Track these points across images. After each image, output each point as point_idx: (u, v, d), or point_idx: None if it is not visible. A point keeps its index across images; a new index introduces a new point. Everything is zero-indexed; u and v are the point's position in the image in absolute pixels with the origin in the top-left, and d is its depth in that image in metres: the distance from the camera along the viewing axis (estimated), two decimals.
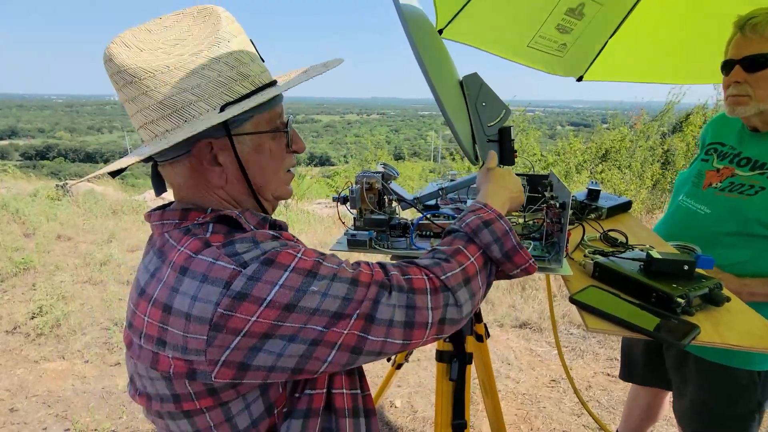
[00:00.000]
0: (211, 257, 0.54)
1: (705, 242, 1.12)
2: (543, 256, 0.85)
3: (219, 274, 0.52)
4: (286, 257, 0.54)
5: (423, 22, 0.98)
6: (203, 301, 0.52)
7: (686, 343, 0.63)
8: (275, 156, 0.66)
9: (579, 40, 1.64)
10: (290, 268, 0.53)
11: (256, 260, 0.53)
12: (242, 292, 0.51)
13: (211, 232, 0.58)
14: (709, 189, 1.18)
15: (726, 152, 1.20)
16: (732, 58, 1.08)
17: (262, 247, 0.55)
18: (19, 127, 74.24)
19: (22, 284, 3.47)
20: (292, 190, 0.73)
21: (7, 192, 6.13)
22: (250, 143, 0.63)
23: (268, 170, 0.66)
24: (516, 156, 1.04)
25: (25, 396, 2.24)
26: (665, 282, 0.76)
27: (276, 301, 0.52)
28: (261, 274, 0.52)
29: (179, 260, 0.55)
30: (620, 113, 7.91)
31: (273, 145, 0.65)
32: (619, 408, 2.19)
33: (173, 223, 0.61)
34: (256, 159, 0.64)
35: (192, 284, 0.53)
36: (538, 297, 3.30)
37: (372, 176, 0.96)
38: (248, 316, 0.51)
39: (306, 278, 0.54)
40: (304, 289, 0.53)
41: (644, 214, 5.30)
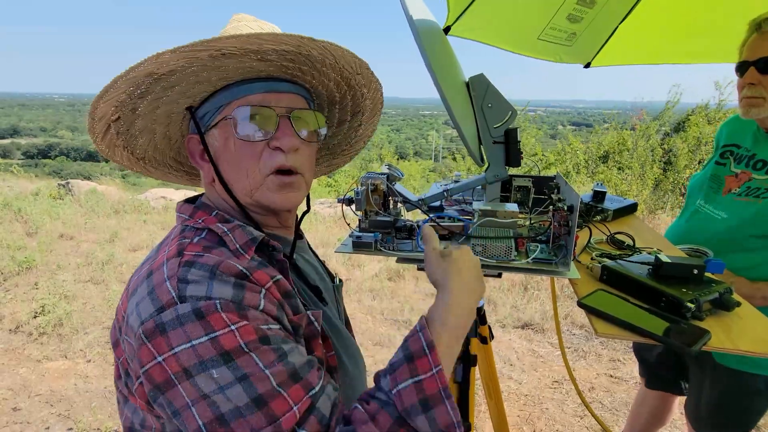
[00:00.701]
0: (168, 274, 0.52)
1: (720, 246, 1.11)
2: (550, 259, 0.85)
3: (160, 295, 0.51)
4: (217, 321, 0.49)
5: (430, 24, 0.98)
6: (137, 314, 0.51)
7: (697, 348, 0.62)
8: (240, 149, 0.60)
9: (588, 28, 1.64)
10: (210, 336, 0.48)
11: (193, 302, 0.49)
12: (164, 326, 0.49)
13: (197, 240, 0.57)
14: (728, 195, 1.17)
15: (742, 155, 1.19)
16: (747, 60, 1.08)
17: (211, 288, 0.51)
18: (21, 125, 74.37)
19: (25, 283, 3.48)
20: (284, 200, 0.63)
21: (9, 191, 6.14)
22: (218, 136, 0.62)
23: (236, 165, 0.61)
24: (522, 158, 1.03)
25: (28, 395, 2.25)
26: (675, 286, 0.75)
27: (180, 358, 0.48)
28: (185, 321, 0.49)
29: (155, 264, 0.55)
30: (621, 113, 7.90)
31: (234, 136, 0.61)
32: (623, 410, 2.18)
33: (183, 217, 0.63)
34: (226, 154, 0.62)
35: (143, 291, 0.53)
36: (540, 297, 3.29)
37: (377, 178, 0.95)
38: (155, 354, 0.49)
39: (216, 357, 0.47)
40: (206, 367, 0.47)
41: (647, 214, 5.28)
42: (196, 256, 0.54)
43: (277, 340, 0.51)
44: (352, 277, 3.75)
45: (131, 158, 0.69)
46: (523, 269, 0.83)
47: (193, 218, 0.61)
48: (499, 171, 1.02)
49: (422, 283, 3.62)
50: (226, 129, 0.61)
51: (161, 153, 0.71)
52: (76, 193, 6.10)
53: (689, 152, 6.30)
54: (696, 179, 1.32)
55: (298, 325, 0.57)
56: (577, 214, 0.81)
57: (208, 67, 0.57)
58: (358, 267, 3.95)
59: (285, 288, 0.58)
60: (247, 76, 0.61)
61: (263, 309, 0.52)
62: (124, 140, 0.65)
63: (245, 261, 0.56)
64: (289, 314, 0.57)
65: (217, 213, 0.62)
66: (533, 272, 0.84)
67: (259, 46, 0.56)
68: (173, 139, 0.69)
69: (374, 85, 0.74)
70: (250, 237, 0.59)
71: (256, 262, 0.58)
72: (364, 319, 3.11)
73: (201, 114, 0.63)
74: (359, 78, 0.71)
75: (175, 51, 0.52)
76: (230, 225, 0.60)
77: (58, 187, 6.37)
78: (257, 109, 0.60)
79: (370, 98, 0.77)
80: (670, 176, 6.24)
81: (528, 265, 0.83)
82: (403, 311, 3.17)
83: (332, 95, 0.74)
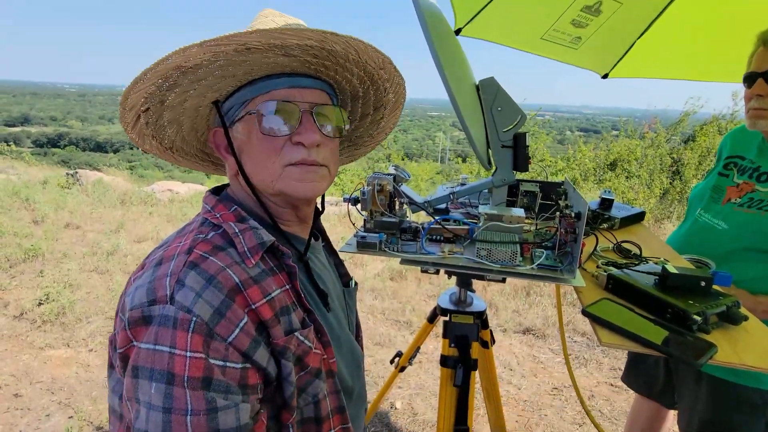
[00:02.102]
0: (172, 269, 0.54)
1: (721, 257, 1.10)
2: (556, 266, 0.84)
3: (157, 288, 0.53)
4: (181, 339, 0.49)
5: (442, 25, 0.97)
6: (132, 297, 0.54)
7: (703, 362, 0.61)
8: (262, 143, 0.62)
9: (597, 35, 1.66)
10: (170, 351, 0.49)
11: (177, 308, 0.51)
12: (148, 319, 0.51)
13: (211, 236, 0.59)
14: (728, 204, 1.16)
15: (746, 166, 1.18)
16: (755, 71, 1.06)
17: (197, 299, 0.51)
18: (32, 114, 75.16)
19: (30, 271, 3.51)
20: (305, 188, 0.64)
21: (18, 179, 6.20)
22: (242, 130, 0.64)
23: (257, 159, 0.63)
24: (530, 163, 1.03)
25: (30, 382, 2.27)
26: (681, 298, 0.74)
27: (141, 354, 0.50)
28: (163, 323, 0.50)
29: (167, 253, 0.57)
30: (632, 120, 7.83)
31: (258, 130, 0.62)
32: (622, 419, 2.16)
33: (206, 208, 0.65)
34: (248, 148, 0.63)
35: (147, 277, 0.55)
36: (542, 303, 3.27)
37: (384, 178, 0.95)
38: (131, 338, 0.52)
39: (162, 372, 0.49)
40: (152, 377, 0.49)
41: (653, 223, 5.24)
42: (202, 257, 0.55)
43: (220, 387, 0.50)
44: (355, 276, 3.75)
45: (160, 147, 0.71)
46: (528, 275, 0.83)
47: (213, 211, 0.63)
48: (507, 175, 1.01)
49: (424, 284, 3.62)
50: (249, 123, 0.62)
51: (188, 144, 0.73)
52: (84, 183, 6.15)
53: (698, 162, 6.24)
54: (697, 189, 1.31)
55: (285, 348, 0.57)
56: (585, 222, 0.80)
57: (233, 62, 0.58)
58: (361, 266, 3.95)
59: (282, 303, 0.58)
60: (272, 71, 0.62)
61: (231, 341, 0.52)
62: (153, 130, 0.67)
63: (249, 267, 0.57)
64: (277, 337, 0.56)
65: (235, 209, 0.63)
66: (538, 279, 0.83)
67: (283, 41, 0.57)
68: (200, 131, 0.71)
69: (397, 80, 0.74)
70: (260, 241, 0.60)
71: (260, 269, 0.59)
72: (365, 318, 3.11)
73: (226, 108, 0.65)
74: (382, 73, 0.71)
75: (201, 45, 0.54)
76: (243, 226, 0.61)
77: (66, 177, 6.43)
78: (281, 104, 0.61)
79: (393, 92, 0.77)
80: (677, 186, 6.19)
81: (533, 272, 0.83)
82: (404, 312, 3.16)
83: (355, 90, 0.74)
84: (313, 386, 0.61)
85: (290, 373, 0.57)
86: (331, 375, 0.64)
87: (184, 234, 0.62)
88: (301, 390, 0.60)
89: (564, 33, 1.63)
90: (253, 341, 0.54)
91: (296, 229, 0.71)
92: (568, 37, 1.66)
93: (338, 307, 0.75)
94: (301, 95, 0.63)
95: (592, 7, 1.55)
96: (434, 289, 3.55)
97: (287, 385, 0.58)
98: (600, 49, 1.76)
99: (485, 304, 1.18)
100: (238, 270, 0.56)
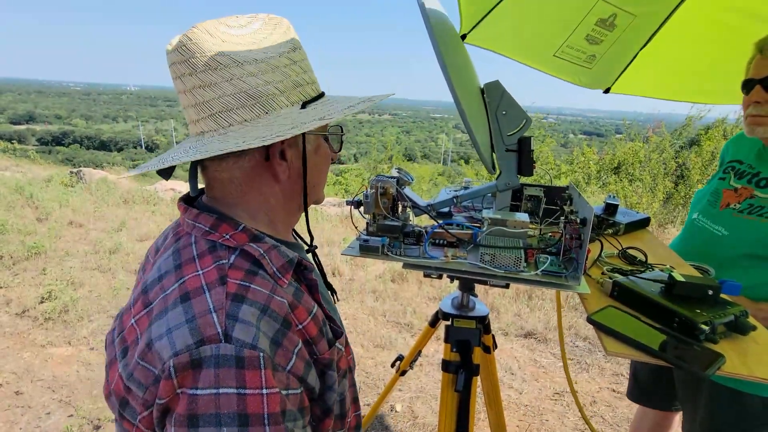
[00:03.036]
0: (215, 305, 0.50)
1: (720, 263, 1.09)
2: (560, 272, 0.83)
3: (203, 327, 0.48)
4: (254, 378, 0.47)
5: (447, 28, 0.96)
6: (170, 342, 0.48)
7: (710, 373, 0.60)
8: (326, 158, 0.69)
9: (609, 52, 1.59)
10: (240, 391, 0.46)
11: (238, 346, 0.47)
12: (199, 363, 0.46)
13: (233, 261, 0.55)
14: (726, 210, 1.15)
15: (744, 171, 1.17)
16: (753, 78, 1.06)
17: (258, 334, 0.49)
18: (37, 112, 75.61)
19: (33, 268, 3.52)
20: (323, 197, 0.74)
21: (22, 176, 6.23)
22: (313, 142, 0.67)
23: (322, 171, 0.69)
24: (534, 167, 1.02)
25: (31, 380, 2.27)
26: (688, 306, 0.73)
27: (199, 402, 0.45)
28: (223, 365, 0.46)
29: (190, 285, 0.53)
30: (636, 124, 7.80)
31: (325, 147, 0.69)
32: (624, 425, 2.14)
33: (204, 229, 0.58)
34: (315, 159, 0.67)
35: (178, 317, 0.50)
36: (544, 307, 3.26)
37: (387, 181, 0.95)
38: (177, 387, 0.46)
39: (233, 415, 0.45)
40: (219, 423, 0.45)
41: (656, 228, 5.21)
42: (242, 286, 0.52)
43: (291, 416, 0.50)
44: (356, 278, 3.74)
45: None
46: (532, 281, 0.82)
47: (217, 232, 0.58)
48: (511, 179, 1.00)
49: (426, 286, 3.60)
50: (319, 138, 0.67)
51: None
52: (87, 182, 6.18)
53: (703, 166, 6.20)
54: (699, 193, 1.30)
55: (331, 360, 0.59)
56: (590, 228, 0.79)
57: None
58: (362, 267, 3.94)
59: (320, 319, 0.59)
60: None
61: (290, 369, 0.51)
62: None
63: (284, 288, 0.57)
64: (323, 351, 0.58)
65: (244, 227, 0.59)
66: (542, 285, 0.82)
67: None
68: None
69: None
70: (287, 259, 0.58)
71: (293, 287, 0.58)
72: (366, 320, 3.10)
73: None
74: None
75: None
76: (265, 246, 0.58)
77: (69, 175, 6.46)
78: (341, 129, 0.71)
79: None
80: (681, 190, 6.15)
81: (537, 277, 0.82)
82: (405, 314, 3.15)
83: None
84: (341, 386, 0.63)
85: (335, 383, 0.59)
86: (350, 371, 0.67)
87: (191, 260, 0.56)
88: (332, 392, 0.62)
89: (578, 50, 1.55)
90: (306, 365, 0.54)
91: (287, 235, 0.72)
92: (582, 55, 1.56)
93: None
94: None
95: (607, 21, 1.47)
96: (436, 292, 3.54)
97: (331, 393, 0.59)
98: (610, 66, 1.69)
99: (487, 308, 1.17)
100: (281, 293, 0.55)
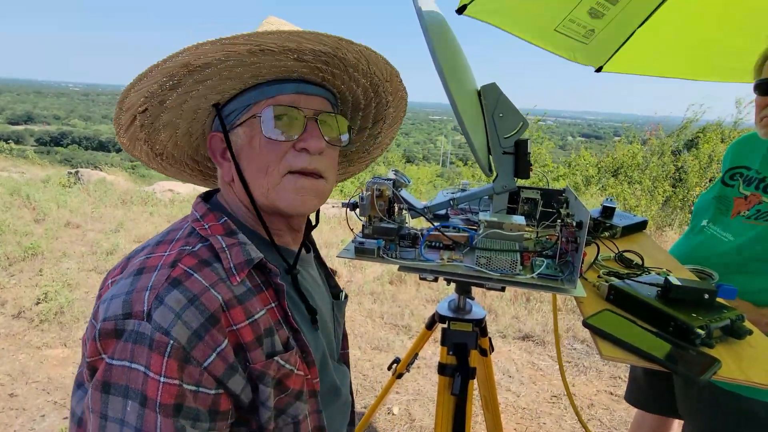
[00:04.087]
0: (152, 283, 0.51)
1: (726, 269, 1.09)
2: (556, 275, 0.83)
3: (135, 302, 0.50)
4: (156, 363, 0.48)
5: (444, 30, 0.96)
6: (107, 307, 0.51)
7: (706, 378, 0.60)
8: (268, 147, 0.60)
9: (607, 28, 1.57)
10: (145, 372, 0.48)
11: (154, 329, 0.48)
12: (119, 332, 0.49)
13: (197, 249, 0.56)
14: (737, 217, 1.15)
15: (752, 177, 1.17)
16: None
17: (175, 322, 0.49)
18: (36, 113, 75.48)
19: (30, 269, 3.50)
20: (300, 203, 0.62)
21: (20, 177, 6.21)
22: (243, 135, 0.61)
23: (258, 164, 0.60)
24: (531, 170, 1.01)
25: (26, 382, 2.25)
26: (684, 311, 0.73)
27: (113, 370, 0.48)
28: (138, 341, 0.48)
29: (150, 262, 0.54)
30: (633, 126, 7.83)
31: (260, 135, 0.60)
32: (622, 429, 2.14)
33: (195, 217, 0.62)
34: (249, 153, 0.61)
35: (124, 286, 0.52)
36: (542, 309, 3.25)
37: (383, 183, 0.94)
38: (101, 351, 0.49)
39: (137, 392, 0.47)
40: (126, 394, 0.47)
41: (654, 230, 5.22)
42: (186, 273, 0.53)
43: (190, 414, 0.49)
44: (354, 280, 3.74)
45: (150, 153, 0.69)
46: (528, 285, 0.82)
47: (202, 221, 0.61)
48: (508, 182, 1.00)
49: (424, 288, 3.60)
50: (252, 127, 0.60)
51: (180, 150, 0.71)
52: (85, 182, 6.16)
53: (701, 169, 6.21)
54: (702, 199, 1.30)
55: (263, 373, 0.55)
56: (586, 231, 0.79)
57: (243, 63, 0.56)
58: (360, 269, 3.93)
59: (266, 324, 0.57)
60: (280, 75, 0.61)
61: (206, 366, 0.50)
62: (147, 134, 0.65)
63: (234, 285, 0.55)
64: (256, 360, 0.55)
65: (225, 221, 0.61)
66: (538, 288, 0.82)
67: (299, 45, 0.55)
68: (194, 136, 0.69)
69: (401, 94, 0.73)
70: (247, 258, 0.58)
71: (245, 287, 0.57)
72: (364, 322, 3.09)
73: (227, 112, 0.63)
74: (388, 86, 0.70)
75: (215, 42, 0.52)
76: (231, 240, 0.58)
77: (67, 176, 6.44)
78: (287, 109, 0.60)
79: (394, 106, 0.76)
80: (679, 193, 6.17)
81: (533, 281, 0.81)
82: (404, 316, 3.15)
83: (357, 101, 0.73)
84: (293, 408, 0.60)
85: (268, 398, 0.56)
86: (313, 395, 0.63)
87: (169, 241, 0.59)
88: (281, 411, 0.59)
89: (579, 24, 1.53)
90: (229, 367, 0.52)
91: (288, 240, 0.69)
92: (582, 29, 1.55)
93: (327, 323, 0.73)
94: (306, 102, 0.62)
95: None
96: (434, 294, 3.53)
97: (264, 410, 0.56)
98: (605, 43, 1.67)
99: (484, 311, 1.16)
100: (223, 288, 0.54)
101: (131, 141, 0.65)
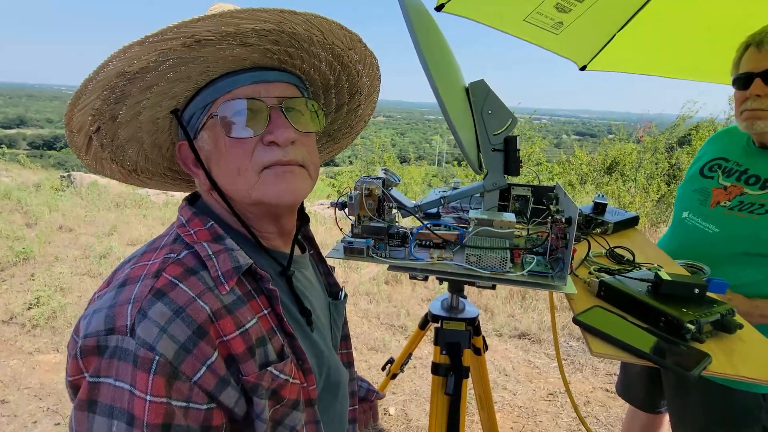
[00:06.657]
0: (135, 295, 0.48)
1: (713, 261, 1.09)
2: (546, 272, 0.82)
3: (117, 316, 0.47)
4: (142, 381, 0.45)
5: (429, 25, 0.96)
6: (88, 323, 0.48)
7: (697, 373, 0.59)
8: (235, 151, 0.55)
9: (579, 22, 1.64)
10: (131, 390, 0.45)
11: (138, 345, 0.45)
12: (101, 349, 0.46)
13: (182, 256, 0.53)
14: (717, 208, 1.15)
15: (731, 168, 1.17)
16: (751, 72, 1.05)
17: (160, 336, 0.46)
18: (28, 116, 74.84)
19: (21, 274, 3.46)
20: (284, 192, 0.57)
21: (11, 181, 6.15)
22: (208, 139, 0.57)
23: (229, 168, 0.56)
24: (521, 167, 1.01)
25: (17, 388, 2.23)
26: (674, 306, 0.73)
27: (100, 389, 0.46)
28: (123, 358, 0.46)
29: (134, 272, 0.51)
30: (626, 125, 7.87)
31: (223, 137, 0.55)
32: (618, 425, 2.14)
33: (180, 222, 0.58)
34: (217, 157, 0.56)
35: (107, 300, 0.49)
36: (538, 307, 3.26)
37: (372, 182, 0.93)
38: (83, 369, 0.47)
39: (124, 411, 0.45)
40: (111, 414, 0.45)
41: (648, 227, 5.24)
42: (171, 284, 0.50)
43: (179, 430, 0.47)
44: (349, 280, 3.72)
45: (122, 171, 0.63)
46: (518, 282, 0.81)
47: (188, 226, 0.57)
48: (498, 179, 0.99)
49: (419, 288, 3.59)
50: (214, 129, 0.56)
51: (154, 163, 0.65)
52: (78, 186, 6.11)
53: None
54: (681, 191, 1.30)
55: (257, 385, 0.52)
56: (575, 227, 0.78)
57: (185, 60, 0.51)
58: (356, 270, 3.92)
59: (258, 334, 0.54)
60: (232, 67, 0.56)
61: (196, 381, 0.48)
62: (111, 152, 0.60)
63: (222, 295, 0.52)
64: (249, 372, 0.52)
65: (211, 225, 0.57)
66: (528, 285, 0.81)
67: (237, 27, 0.50)
68: (163, 147, 0.63)
69: (369, 59, 0.67)
70: (235, 265, 0.54)
71: (235, 296, 0.53)
72: (360, 322, 3.08)
73: (188, 117, 0.58)
74: (352, 54, 0.64)
75: (143, 42, 0.47)
76: (218, 247, 0.55)
77: (60, 179, 6.38)
78: (246, 102, 0.55)
79: (367, 74, 0.70)
80: (674, 189, 6.20)
81: (523, 278, 0.81)
82: (399, 316, 3.14)
83: (326, 79, 0.68)
84: (290, 418, 0.57)
85: (263, 411, 0.53)
86: (310, 404, 0.60)
87: (155, 249, 0.55)
88: (277, 423, 0.56)
89: (547, 17, 1.61)
90: (220, 381, 0.49)
91: (278, 243, 0.65)
92: (550, 21, 1.63)
93: (323, 324, 0.70)
94: (267, 90, 0.57)
95: None
96: (429, 293, 3.52)
97: (259, 423, 0.53)
98: (581, 37, 1.74)
99: (477, 310, 1.16)
100: (211, 298, 0.50)
101: (96, 161, 0.60)
